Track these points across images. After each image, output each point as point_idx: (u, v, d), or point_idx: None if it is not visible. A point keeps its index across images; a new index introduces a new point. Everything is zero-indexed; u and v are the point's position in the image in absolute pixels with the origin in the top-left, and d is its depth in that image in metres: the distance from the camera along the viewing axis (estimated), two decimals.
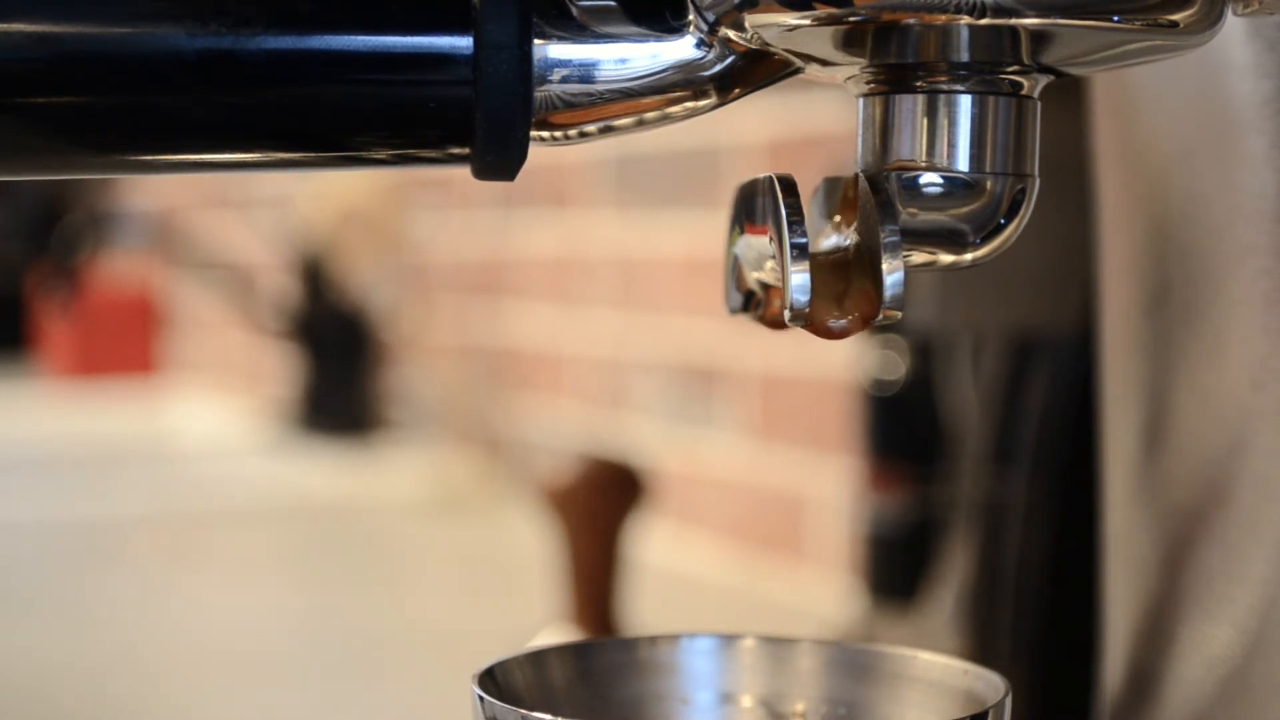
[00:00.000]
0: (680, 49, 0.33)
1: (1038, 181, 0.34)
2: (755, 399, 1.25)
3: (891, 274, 0.32)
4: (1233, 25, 0.36)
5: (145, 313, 2.67)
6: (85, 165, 0.33)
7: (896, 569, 0.85)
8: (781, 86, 0.35)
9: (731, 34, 0.33)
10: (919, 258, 0.34)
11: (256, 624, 1.15)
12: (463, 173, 0.34)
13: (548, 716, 0.34)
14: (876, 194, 0.32)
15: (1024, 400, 0.68)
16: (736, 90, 0.34)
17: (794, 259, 0.32)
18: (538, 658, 0.40)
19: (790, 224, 0.32)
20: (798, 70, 0.34)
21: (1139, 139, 0.41)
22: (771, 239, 0.33)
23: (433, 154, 0.34)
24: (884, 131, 0.33)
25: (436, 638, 1.07)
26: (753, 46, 0.33)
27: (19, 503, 1.66)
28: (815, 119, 1.14)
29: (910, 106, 0.33)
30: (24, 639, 1.07)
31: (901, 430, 0.85)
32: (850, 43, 0.32)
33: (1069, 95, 0.45)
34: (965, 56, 0.32)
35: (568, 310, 1.53)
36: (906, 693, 0.39)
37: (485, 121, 0.32)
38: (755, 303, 0.38)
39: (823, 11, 0.31)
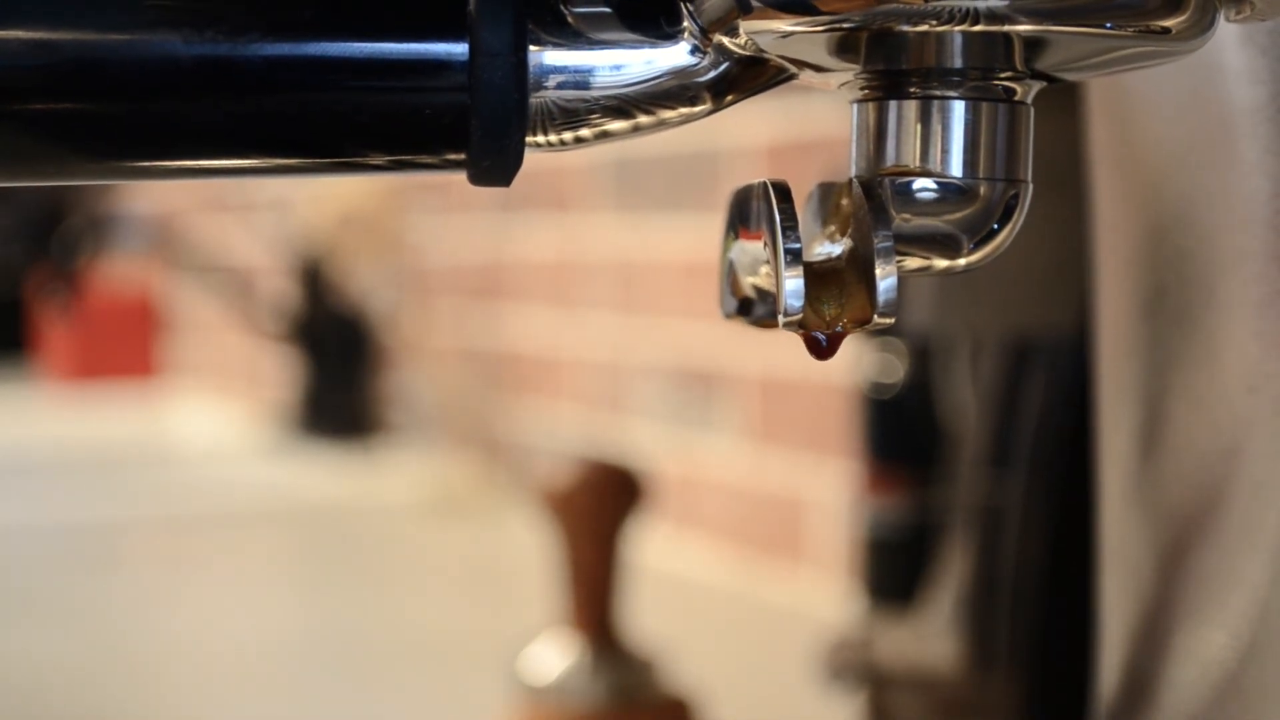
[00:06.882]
0: (675, 55, 0.33)
1: (1031, 187, 0.34)
2: (754, 402, 1.25)
3: (884, 279, 0.32)
4: (1225, 31, 0.36)
5: (145, 316, 2.67)
6: (82, 172, 0.33)
7: (895, 572, 0.85)
8: (781, 90, 0.35)
9: (726, 40, 0.33)
10: (913, 263, 0.34)
11: (256, 627, 1.15)
12: (461, 176, 0.34)
13: None
14: (870, 199, 0.32)
15: (1021, 404, 0.68)
16: (731, 96, 0.34)
17: (788, 264, 0.32)
18: None
19: (784, 229, 0.32)
20: (792, 76, 0.34)
21: (1133, 144, 0.42)
22: (765, 244, 0.33)
23: (429, 160, 0.34)
24: (878, 137, 0.33)
25: (435, 641, 1.07)
26: (747, 53, 0.33)
27: (19, 506, 1.66)
28: (814, 122, 1.14)
29: (904, 112, 0.33)
30: (24, 641, 1.07)
31: (900, 433, 0.85)
32: (844, 49, 0.32)
33: (1064, 99, 0.45)
34: (959, 63, 0.32)
35: (567, 313, 1.53)
36: None
37: (481, 128, 0.33)
38: (750, 307, 0.38)
39: (817, 18, 0.31)
